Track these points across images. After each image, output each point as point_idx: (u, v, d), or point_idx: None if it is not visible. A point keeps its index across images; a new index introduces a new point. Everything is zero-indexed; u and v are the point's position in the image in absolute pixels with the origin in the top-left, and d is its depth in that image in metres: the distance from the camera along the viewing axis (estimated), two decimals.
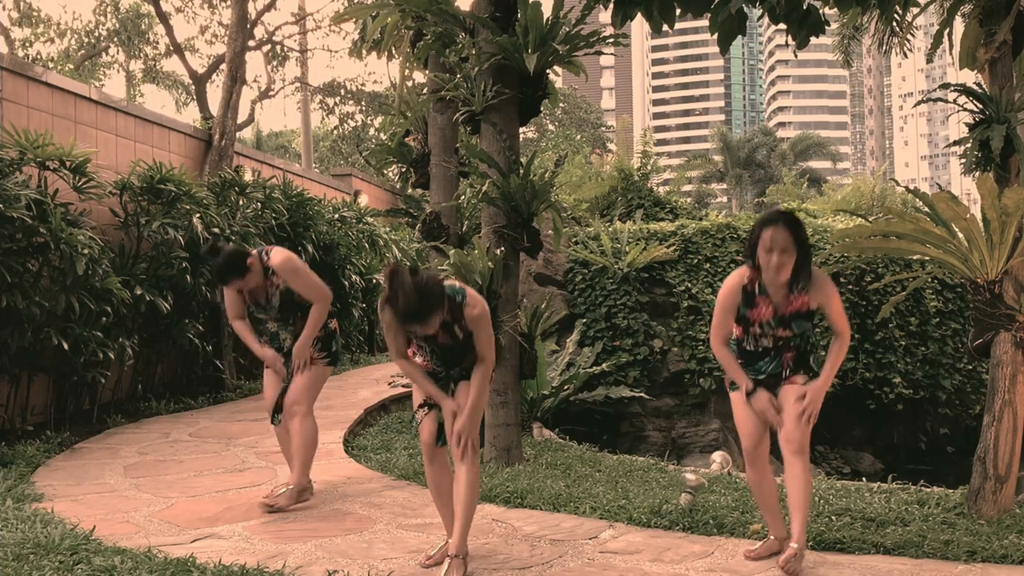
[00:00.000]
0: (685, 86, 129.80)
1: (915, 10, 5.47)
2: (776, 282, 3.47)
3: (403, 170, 7.53)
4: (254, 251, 4.40)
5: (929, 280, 10.15)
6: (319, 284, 4.44)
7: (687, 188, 38.45)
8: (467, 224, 7.37)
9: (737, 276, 3.58)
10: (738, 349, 3.64)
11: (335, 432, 6.21)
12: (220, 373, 8.36)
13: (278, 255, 4.36)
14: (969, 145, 4.45)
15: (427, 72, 6.98)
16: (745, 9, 4.29)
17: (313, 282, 4.41)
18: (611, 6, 4.53)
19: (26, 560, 3.34)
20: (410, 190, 8.46)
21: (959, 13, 5.06)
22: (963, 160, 4.52)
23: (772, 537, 3.68)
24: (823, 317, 3.64)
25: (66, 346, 6.01)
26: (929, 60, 5.17)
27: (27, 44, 20.67)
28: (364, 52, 7.39)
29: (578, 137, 32.39)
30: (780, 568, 3.40)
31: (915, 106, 6.32)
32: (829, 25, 4.57)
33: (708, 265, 10.07)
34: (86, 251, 6.04)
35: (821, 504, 4.35)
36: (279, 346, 4.53)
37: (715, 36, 4.35)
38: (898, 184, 5.05)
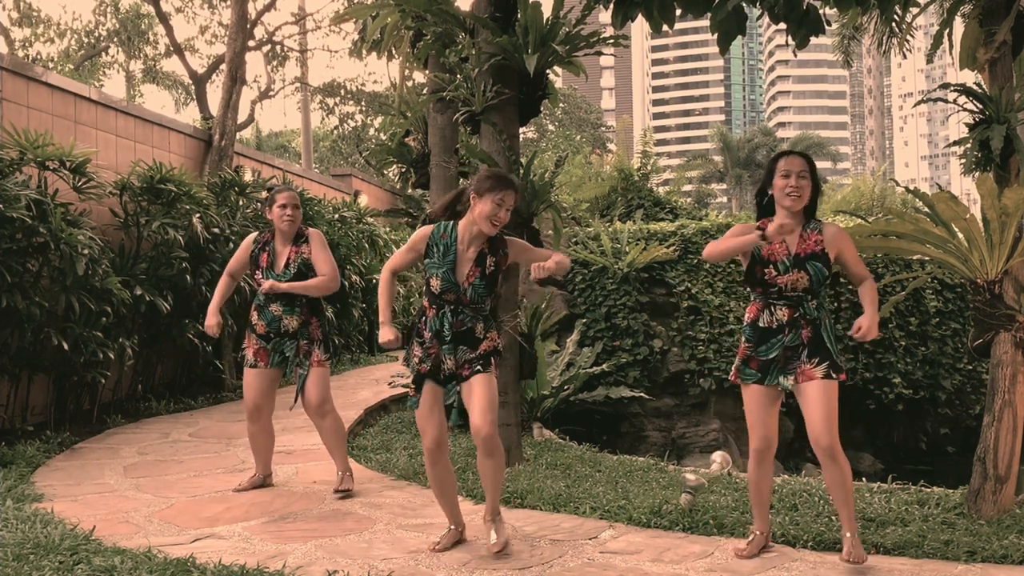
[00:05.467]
0: (685, 86, 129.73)
1: (915, 10, 5.47)
2: (791, 214, 3.47)
3: (403, 170, 7.54)
4: None
5: (929, 280, 10.15)
6: (335, 266, 4.71)
7: (687, 188, 38.44)
8: None
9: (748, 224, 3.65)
10: (752, 331, 3.56)
11: None
12: (220, 373, 8.36)
13: (316, 230, 4.78)
14: (969, 145, 4.44)
15: (427, 72, 6.98)
16: (745, 9, 4.29)
17: (331, 260, 4.71)
18: (611, 6, 4.53)
19: (26, 560, 3.33)
20: (410, 190, 8.46)
21: (959, 13, 5.05)
22: (963, 160, 4.52)
23: (758, 532, 3.71)
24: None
25: (66, 346, 6.00)
26: (929, 60, 5.17)
27: (27, 44, 20.67)
28: (364, 52, 7.39)
29: (578, 137, 32.41)
30: (844, 561, 3.42)
31: (915, 106, 6.32)
32: (829, 25, 4.58)
33: (708, 265, 10.07)
34: (86, 251, 6.04)
35: (821, 504, 4.36)
36: (278, 328, 4.64)
37: (715, 36, 4.35)
38: (898, 184, 5.05)
